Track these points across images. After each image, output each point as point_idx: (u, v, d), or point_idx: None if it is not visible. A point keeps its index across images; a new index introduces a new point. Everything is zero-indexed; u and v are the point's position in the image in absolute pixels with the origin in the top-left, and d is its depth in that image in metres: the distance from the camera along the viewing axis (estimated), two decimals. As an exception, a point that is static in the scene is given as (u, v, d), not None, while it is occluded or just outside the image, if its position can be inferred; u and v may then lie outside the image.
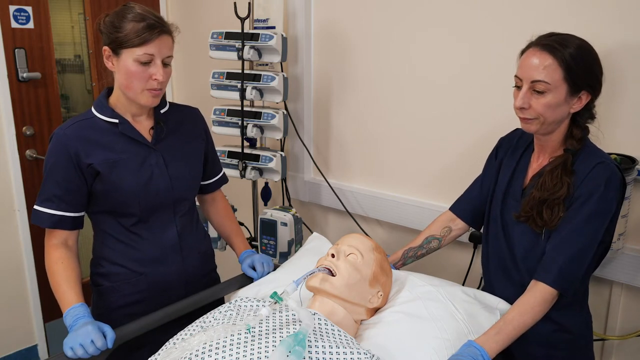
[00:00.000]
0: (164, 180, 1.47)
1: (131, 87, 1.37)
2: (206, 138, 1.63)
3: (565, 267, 1.24)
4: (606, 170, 1.25)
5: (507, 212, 1.41)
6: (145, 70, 1.35)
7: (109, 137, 1.41)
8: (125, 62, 1.35)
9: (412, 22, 1.99)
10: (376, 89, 2.16)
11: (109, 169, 1.39)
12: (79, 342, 1.25)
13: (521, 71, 1.28)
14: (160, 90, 1.40)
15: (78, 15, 2.70)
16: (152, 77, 1.36)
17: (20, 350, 2.59)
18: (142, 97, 1.39)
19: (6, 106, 2.39)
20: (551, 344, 1.37)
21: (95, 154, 1.39)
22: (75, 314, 1.31)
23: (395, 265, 1.63)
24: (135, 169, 1.42)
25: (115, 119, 1.42)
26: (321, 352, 1.07)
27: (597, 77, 1.26)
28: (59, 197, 1.38)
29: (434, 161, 2.04)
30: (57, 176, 1.38)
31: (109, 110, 1.43)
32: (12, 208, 2.47)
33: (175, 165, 1.49)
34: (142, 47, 1.33)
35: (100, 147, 1.40)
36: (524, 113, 1.29)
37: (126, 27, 1.33)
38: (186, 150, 1.54)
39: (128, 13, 1.35)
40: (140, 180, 1.43)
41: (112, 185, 1.40)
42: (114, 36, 1.34)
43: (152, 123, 1.49)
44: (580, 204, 1.26)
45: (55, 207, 1.38)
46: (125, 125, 1.43)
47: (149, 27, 1.33)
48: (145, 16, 1.34)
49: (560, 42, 1.23)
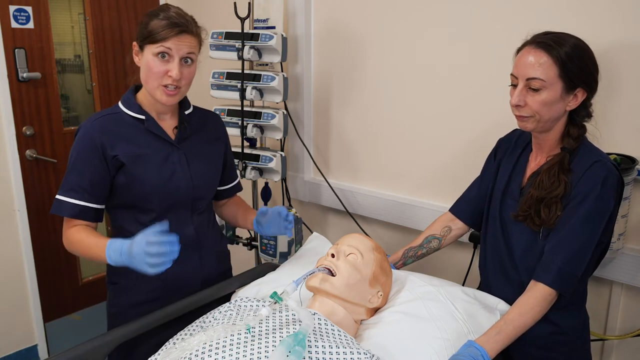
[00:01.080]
0: (185, 177, 1.48)
1: (148, 81, 1.41)
2: (226, 143, 1.66)
3: (563, 267, 1.25)
4: (603, 168, 1.25)
5: (506, 211, 1.41)
6: (161, 66, 1.38)
7: (135, 131, 1.44)
8: (146, 57, 1.39)
9: (412, 22, 1.99)
10: (376, 88, 2.16)
11: (133, 162, 1.42)
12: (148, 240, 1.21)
13: (517, 69, 1.28)
14: (176, 90, 1.41)
15: (78, 15, 2.70)
16: (168, 73, 1.38)
17: (20, 350, 2.59)
18: (157, 92, 1.41)
19: (6, 106, 2.39)
20: (549, 345, 1.37)
21: (121, 146, 1.41)
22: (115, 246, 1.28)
23: (395, 265, 1.63)
24: (158, 164, 1.45)
25: (142, 115, 1.45)
26: (321, 352, 1.07)
27: (592, 74, 1.26)
28: (83, 188, 1.40)
29: (434, 161, 2.04)
30: (82, 167, 1.40)
31: (136, 106, 1.46)
32: (12, 208, 2.47)
33: (197, 164, 1.52)
34: (161, 42, 1.36)
35: (126, 140, 1.43)
36: (519, 111, 1.29)
37: (151, 24, 1.38)
38: (207, 151, 1.57)
39: (160, 11, 1.40)
40: (162, 176, 1.45)
41: (134, 179, 1.42)
42: (141, 32, 1.39)
43: (176, 122, 1.52)
44: (577, 203, 1.26)
45: (78, 197, 1.40)
46: (150, 122, 1.46)
47: (170, 25, 1.37)
48: (171, 15, 1.39)
49: (555, 40, 1.24)
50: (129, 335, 1.36)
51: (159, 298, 1.49)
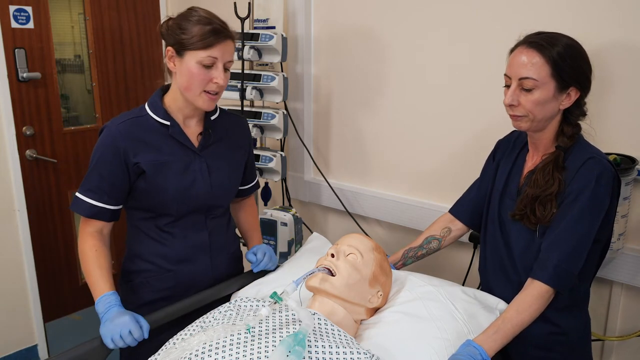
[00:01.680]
0: (205, 187, 1.49)
1: (191, 88, 1.39)
2: (249, 148, 1.66)
3: (560, 264, 1.25)
4: (597, 165, 1.26)
5: (504, 212, 1.41)
6: (206, 73, 1.37)
7: (158, 137, 1.44)
8: (188, 64, 1.37)
9: (412, 23, 2.00)
10: (376, 88, 2.16)
11: (154, 170, 1.42)
12: (118, 333, 1.28)
13: (510, 69, 1.29)
14: (218, 95, 1.43)
15: (78, 15, 2.70)
16: (213, 80, 1.38)
17: (20, 350, 2.59)
18: (200, 99, 1.41)
19: (6, 106, 2.39)
20: (548, 346, 1.37)
21: (143, 154, 1.41)
22: (107, 301, 1.34)
23: (395, 265, 1.63)
24: (179, 172, 1.45)
25: (168, 120, 1.44)
26: (321, 352, 1.07)
27: (585, 73, 1.27)
28: (102, 189, 1.41)
29: (434, 161, 2.04)
30: (102, 169, 1.40)
31: (162, 110, 1.45)
32: (12, 208, 2.47)
33: (218, 174, 1.52)
34: (206, 50, 1.35)
35: (149, 147, 1.43)
36: (513, 110, 1.30)
37: (192, 30, 1.35)
38: (229, 159, 1.56)
39: (194, 16, 1.37)
40: (182, 184, 1.45)
41: (154, 186, 1.43)
42: (180, 37, 1.36)
43: (201, 129, 1.51)
44: (571, 200, 1.26)
45: (97, 198, 1.41)
46: (175, 129, 1.45)
47: (215, 31, 1.36)
48: (212, 20, 1.37)
49: (548, 39, 1.24)
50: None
51: (171, 296, 1.51)
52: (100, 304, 1.35)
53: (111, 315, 1.32)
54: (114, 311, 1.32)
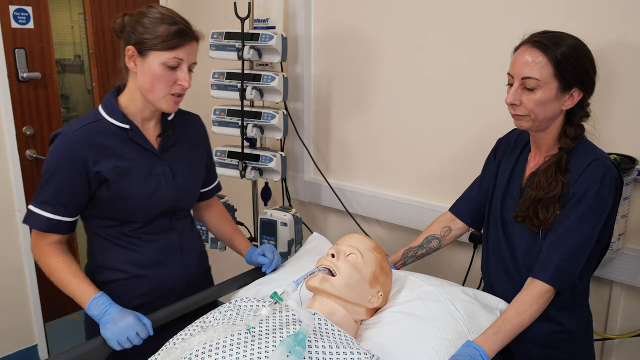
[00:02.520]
0: (170, 190, 1.45)
1: (154, 90, 1.34)
2: (207, 146, 1.63)
3: (561, 264, 1.25)
4: (602, 167, 1.25)
5: (507, 212, 1.41)
6: (171, 75, 1.33)
7: (118, 142, 1.38)
8: (151, 65, 1.32)
9: (413, 22, 1.99)
10: (376, 88, 2.16)
11: (117, 177, 1.37)
12: (125, 336, 1.29)
13: (513, 68, 1.29)
14: (181, 97, 1.39)
15: (78, 15, 2.70)
16: (177, 82, 1.34)
17: (20, 350, 2.59)
18: (164, 101, 1.37)
19: (6, 106, 2.39)
20: (551, 344, 1.37)
21: (105, 161, 1.36)
22: (100, 303, 1.32)
23: (395, 265, 1.63)
24: (142, 177, 1.41)
25: (126, 124, 1.39)
26: (321, 352, 1.07)
27: (589, 74, 1.26)
28: (60, 202, 1.35)
29: (434, 161, 2.04)
30: (60, 180, 1.34)
31: (120, 114, 1.38)
32: (12, 208, 2.47)
33: (181, 176, 1.48)
34: (172, 51, 1.31)
35: (110, 153, 1.37)
36: (515, 109, 1.30)
37: (157, 29, 1.31)
38: (191, 159, 1.53)
39: (157, 14, 1.33)
40: (147, 189, 1.41)
41: (118, 194, 1.38)
42: (142, 37, 1.31)
43: (159, 130, 1.47)
44: (576, 201, 1.26)
45: (53, 211, 1.35)
46: (135, 132, 1.40)
47: (181, 32, 1.32)
48: (176, 20, 1.33)
49: (552, 39, 1.24)
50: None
51: (146, 304, 1.46)
52: (93, 307, 1.32)
53: (111, 316, 1.30)
54: (112, 312, 1.31)
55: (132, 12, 1.37)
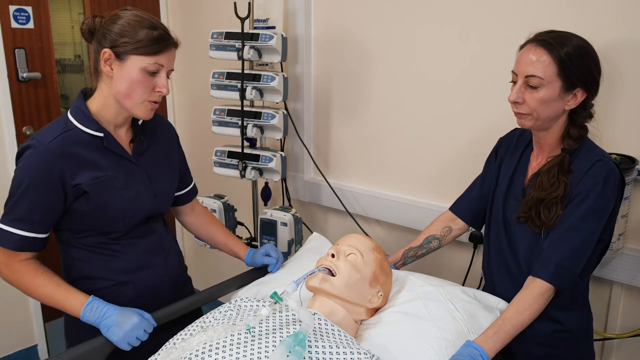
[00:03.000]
0: (149, 197, 1.42)
1: (132, 96, 1.30)
2: (179, 148, 1.60)
3: (562, 263, 1.25)
4: (605, 168, 1.25)
5: (509, 212, 1.41)
6: (150, 81, 1.29)
7: (93, 152, 1.32)
8: (130, 70, 1.27)
9: (413, 22, 1.99)
10: (376, 88, 2.16)
11: (97, 189, 1.31)
12: (134, 337, 1.29)
13: (517, 66, 1.29)
14: (157, 104, 1.35)
15: (78, 15, 2.70)
16: (156, 89, 1.31)
17: (20, 350, 2.59)
18: (141, 108, 1.32)
19: (6, 106, 2.39)
20: (552, 343, 1.37)
21: (82, 173, 1.29)
22: (95, 308, 1.30)
23: (395, 265, 1.63)
24: (120, 187, 1.36)
25: (100, 132, 1.32)
26: (321, 352, 1.07)
27: (592, 74, 1.26)
28: (33, 219, 1.28)
29: (433, 161, 2.04)
30: (34, 196, 1.26)
31: (93, 122, 1.32)
32: (12, 208, 2.47)
33: (158, 181, 1.46)
34: (153, 56, 1.28)
35: (86, 164, 1.30)
36: (518, 108, 1.30)
37: (138, 33, 1.27)
38: (164, 163, 1.50)
39: (135, 18, 1.29)
40: (126, 198, 1.37)
41: (97, 206, 1.32)
42: (121, 40, 1.27)
43: (131, 135, 1.42)
44: (578, 201, 1.26)
45: (26, 229, 1.28)
46: (110, 140, 1.34)
47: (162, 38, 1.29)
48: (157, 25, 1.30)
49: (558, 39, 1.24)
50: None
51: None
52: (89, 313, 1.29)
53: (113, 319, 1.28)
54: (113, 315, 1.29)
55: (102, 15, 1.34)
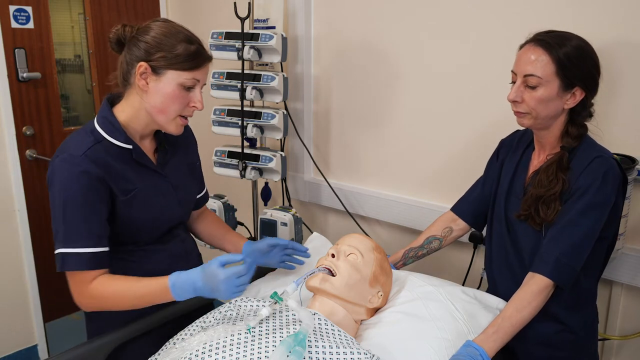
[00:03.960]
0: (175, 207, 1.42)
1: (166, 111, 1.27)
2: (196, 152, 1.58)
3: (561, 258, 1.24)
4: (604, 164, 1.26)
5: (511, 211, 1.41)
6: (185, 96, 1.27)
7: (122, 164, 1.29)
8: (166, 85, 1.24)
9: (413, 22, 1.99)
10: (376, 88, 2.16)
11: (127, 202, 1.29)
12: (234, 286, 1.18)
13: (516, 66, 1.30)
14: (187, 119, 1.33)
15: (78, 15, 2.70)
16: (190, 104, 1.29)
17: (20, 350, 2.59)
18: (173, 123, 1.30)
19: (6, 106, 2.39)
20: (555, 344, 1.37)
21: (115, 186, 1.27)
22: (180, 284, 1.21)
23: (395, 265, 1.63)
24: (148, 199, 1.34)
25: (129, 144, 1.30)
26: (321, 352, 1.07)
27: (591, 74, 1.26)
28: (93, 232, 1.22)
29: (434, 161, 2.04)
30: (85, 208, 1.21)
31: (122, 134, 1.29)
32: (12, 208, 2.47)
33: (182, 190, 1.45)
34: (191, 72, 1.25)
35: (117, 177, 1.27)
36: (517, 107, 1.30)
37: (177, 48, 1.23)
38: (186, 170, 1.49)
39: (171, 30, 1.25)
40: (153, 211, 1.35)
41: (125, 219, 1.30)
42: (159, 55, 1.23)
43: (154, 145, 1.41)
44: (577, 197, 1.26)
45: (92, 245, 1.21)
46: (138, 152, 1.32)
47: (200, 53, 1.26)
48: (193, 39, 1.27)
49: (556, 38, 1.24)
50: (129, 336, 1.36)
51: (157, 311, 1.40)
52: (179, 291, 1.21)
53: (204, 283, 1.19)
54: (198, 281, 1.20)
55: (132, 24, 1.27)
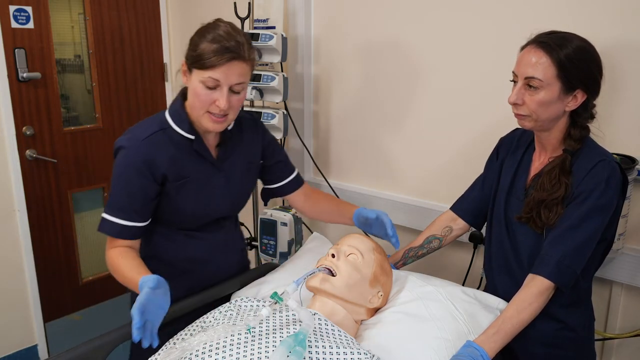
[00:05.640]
0: (224, 201, 1.49)
1: (195, 108, 1.35)
2: (266, 148, 1.59)
3: (563, 260, 1.24)
4: (607, 168, 1.25)
5: (511, 212, 1.41)
6: (209, 94, 1.30)
7: (182, 152, 1.39)
8: (193, 82, 1.32)
9: (413, 22, 1.99)
10: (376, 89, 2.16)
11: (176, 188, 1.39)
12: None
13: (517, 67, 1.29)
14: (224, 117, 1.35)
15: (78, 15, 2.70)
16: (215, 103, 1.31)
17: (20, 350, 2.59)
18: (203, 119, 1.35)
19: (6, 106, 2.39)
20: (554, 343, 1.37)
21: (169, 171, 1.37)
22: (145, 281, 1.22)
23: (395, 265, 1.63)
24: (199, 189, 1.42)
25: (192, 134, 1.39)
26: (321, 352, 1.07)
27: (593, 76, 1.25)
28: (131, 208, 1.36)
29: (433, 161, 2.04)
30: (131, 187, 1.35)
31: (187, 124, 1.38)
32: (12, 208, 2.47)
33: (237, 185, 1.51)
34: (208, 70, 1.28)
35: (174, 163, 1.38)
36: (517, 109, 1.30)
37: (201, 46, 1.28)
38: (245, 167, 1.54)
39: (209, 32, 1.30)
40: (202, 200, 1.44)
41: (174, 204, 1.41)
42: (189, 53, 1.32)
43: (218, 140, 1.47)
44: (580, 200, 1.26)
45: (127, 218, 1.36)
46: (198, 143, 1.40)
47: (220, 51, 1.27)
48: (223, 38, 1.28)
49: (557, 40, 1.23)
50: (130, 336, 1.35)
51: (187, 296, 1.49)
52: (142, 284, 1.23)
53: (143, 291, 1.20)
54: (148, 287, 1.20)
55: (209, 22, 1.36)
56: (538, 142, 1.39)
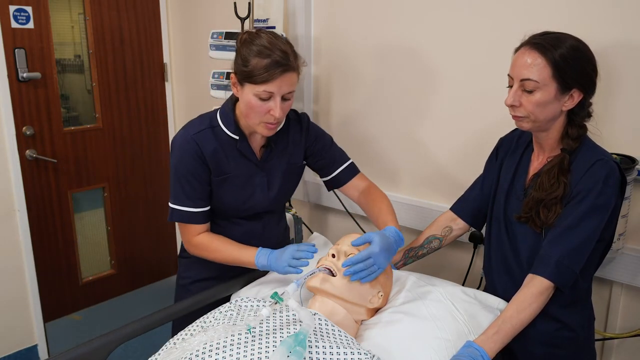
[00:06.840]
0: (263, 199, 1.58)
1: (250, 117, 1.42)
2: (310, 143, 1.64)
3: (562, 260, 1.24)
4: (605, 167, 1.25)
5: (510, 211, 1.41)
6: (263, 105, 1.37)
7: (227, 150, 1.50)
8: (246, 94, 1.38)
9: (413, 21, 1.99)
10: (376, 88, 2.16)
11: (218, 182, 1.51)
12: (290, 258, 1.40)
13: (512, 70, 1.29)
14: (277, 124, 1.43)
15: (78, 15, 2.70)
16: (270, 112, 1.38)
17: (20, 350, 2.59)
18: (259, 128, 1.43)
19: (6, 106, 2.39)
20: (554, 343, 1.37)
21: (214, 165, 1.48)
22: (262, 255, 1.46)
23: (395, 265, 1.63)
24: (240, 186, 1.53)
25: (237, 135, 1.49)
26: (321, 353, 1.07)
27: (588, 75, 1.26)
28: (192, 195, 1.48)
29: (434, 161, 2.04)
30: (188, 177, 1.47)
31: (233, 125, 1.49)
32: (12, 208, 2.47)
33: (277, 185, 1.59)
34: (262, 85, 1.34)
35: (219, 159, 1.49)
36: (515, 111, 1.30)
37: (252, 62, 1.34)
38: (288, 167, 1.61)
39: (256, 44, 1.36)
40: (241, 197, 1.54)
41: (216, 196, 1.53)
42: (241, 68, 1.37)
43: (264, 141, 1.55)
44: (578, 200, 1.26)
45: (191, 205, 1.49)
46: (243, 144, 1.50)
47: (272, 66, 1.34)
48: (272, 51, 1.34)
49: (551, 41, 1.23)
50: (130, 336, 1.36)
51: (221, 276, 1.60)
52: (262, 260, 1.45)
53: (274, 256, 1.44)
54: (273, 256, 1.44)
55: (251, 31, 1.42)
56: (536, 142, 1.40)
